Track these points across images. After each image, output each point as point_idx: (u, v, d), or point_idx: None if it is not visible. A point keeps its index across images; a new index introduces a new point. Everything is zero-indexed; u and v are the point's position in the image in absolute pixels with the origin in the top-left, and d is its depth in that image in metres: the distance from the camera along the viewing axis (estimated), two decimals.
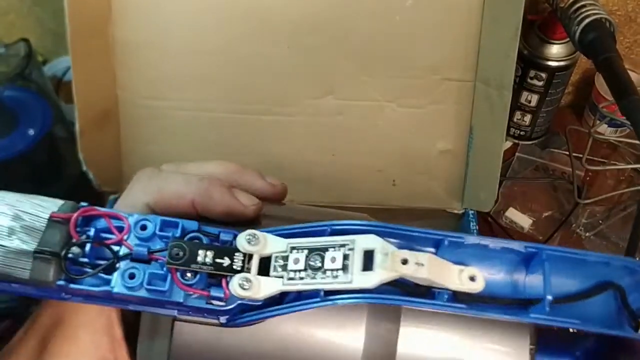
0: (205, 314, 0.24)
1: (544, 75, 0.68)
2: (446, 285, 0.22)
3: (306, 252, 0.23)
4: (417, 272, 0.21)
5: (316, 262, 0.23)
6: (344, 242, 0.23)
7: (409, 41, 0.57)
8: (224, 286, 0.23)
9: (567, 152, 0.71)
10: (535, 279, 0.24)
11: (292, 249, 0.23)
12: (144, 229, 0.24)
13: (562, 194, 0.73)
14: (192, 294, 0.23)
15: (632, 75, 0.47)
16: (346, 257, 0.22)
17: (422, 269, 0.21)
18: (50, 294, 0.24)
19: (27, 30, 0.76)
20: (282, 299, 0.24)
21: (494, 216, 0.70)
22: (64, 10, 0.50)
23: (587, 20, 0.50)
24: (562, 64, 0.67)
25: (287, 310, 0.23)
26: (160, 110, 0.59)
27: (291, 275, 0.23)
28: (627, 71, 0.46)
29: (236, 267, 0.23)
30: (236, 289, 0.22)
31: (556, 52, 0.67)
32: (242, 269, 0.23)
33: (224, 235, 0.24)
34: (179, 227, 0.24)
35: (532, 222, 0.70)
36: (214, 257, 0.23)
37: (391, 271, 0.21)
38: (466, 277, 0.22)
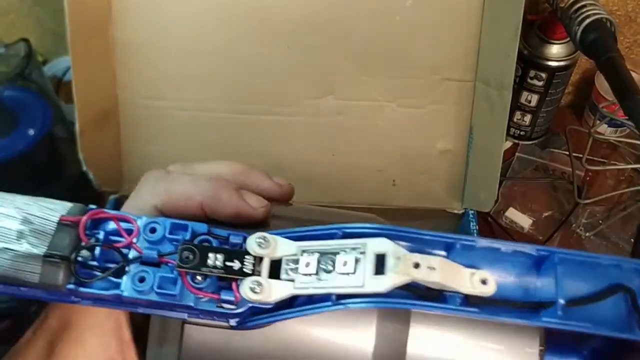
0: (215, 317, 0.24)
1: (544, 75, 0.68)
2: (458, 288, 0.22)
3: (317, 255, 0.23)
4: (429, 276, 0.21)
5: (327, 265, 0.22)
6: (355, 245, 0.22)
7: (409, 41, 0.57)
8: (235, 289, 0.23)
9: (567, 152, 0.71)
10: (546, 282, 0.23)
11: (303, 252, 0.23)
12: (153, 231, 0.24)
13: (562, 194, 0.73)
14: (203, 297, 0.23)
15: (632, 75, 0.47)
16: (358, 261, 0.22)
17: (434, 272, 0.21)
18: (59, 298, 0.24)
19: (27, 30, 0.76)
20: (293, 301, 0.24)
21: (494, 216, 0.70)
22: (64, 10, 0.50)
23: (588, 20, 0.50)
24: (562, 64, 0.67)
25: (299, 313, 0.23)
26: (160, 110, 0.59)
27: (302, 278, 0.23)
28: (629, 71, 0.46)
29: (247, 271, 0.23)
30: (247, 292, 0.22)
31: (556, 52, 0.67)
32: (253, 272, 0.23)
33: (233, 237, 0.24)
34: (188, 230, 0.24)
35: (532, 222, 0.70)
36: (224, 260, 0.23)
37: (403, 275, 0.21)
38: (478, 281, 0.22)
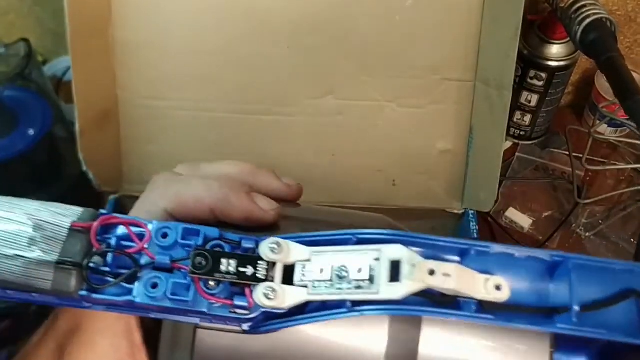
0: (227, 322, 0.24)
1: (544, 75, 0.68)
2: (472, 294, 0.22)
3: (331, 261, 0.23)
4: (444, 283, 0.21)
5: (342, 271, 0.22)
6: (369, 251, 0.22)
7: (409, 41, 0.57)
8: (248, 295, 0.23)
9: (567, 152, 0.71)
10: (560, 288, 0.23)
11: (317, 258, 0.23)
12: (165, 236, 0.24)
13: (562, 194, 0.73)
14: (216, 303, 0.23)
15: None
16: (372, 268, 0.22)
17: (449, 279, 0.21)
18: (71, 303, 0.24)
19: (27, 30, 0.76)
20: (305, 306, 0.24)
21: (494, 216, 0.70)
22: (64, 10, 0.50)
23: (588, 20, 0.50)
24: (562, 64, 0.67)
25: (313, 319, 0.23)
26: (160, 110, 0.59)
27: (316, 284, 0.23)
28: (630, 71, 0.46)
29: (260, 276, 0.23)
30: (261, 298, 0.22)
31: (556, 52, 0.67)
32: (266, 278, 0.23)
33: (245, 242, 0.24)
34: (200, 235, 0.24)
35: (532, 222, 0.70)
36: (237, 266, 0.23)
37: (418, 282, 0.21)
38: (492, 287, 0.22)
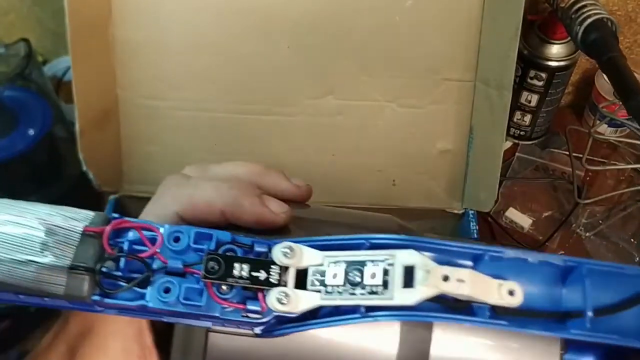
0: (239, 325, 0.24)
1: (544, 75, 0.68)
2: (486, 300, 0.22)
3: (344, 266, 0.23)
4: (458, 289, 0.21)
5: (355, 277, 0.22)
6: (383, 257, 0.22)
7: (409, 41, 0.57)
8: (261, 299, 0.23)
9: (567, 152, 0.71)
10: (572, 293, 0.23)
11: (329, 262, 0.23)
12: (177, 240, 0.23)
13: (562, 194, 0.73)
14: (228, 307, 0.23)
15: None
16: (386, 273, 0.22)
17: (463, 285, 0.21)
18: (83, 307, 0.24)
19: (27, 30, 0.76)
20: (318, 310, 0.24)
21: (494, 216, 0.70)
22: (64, 10, 0.50)
23: (589, 20, 0.50)
24: (562, 64, 0.67)
25: (327, 324, 0.23)
26: (160, 110, 0.59)
27: (329, 289, 0.23)
28: (631, 71, 0.46)
29: (273, 281, 0.23)
30: (274, 303, 0.22)
31: (556, 52, 0.67)
32: (279, 283, 0.23)
33: (258, 246, 0.24)
34: (212, 239, 0.24)
35: (532, 222, 0.70)
36: (250, 271, 0.23)
37: (432, 288, 0.21)
38: (505, 292, 0.22)
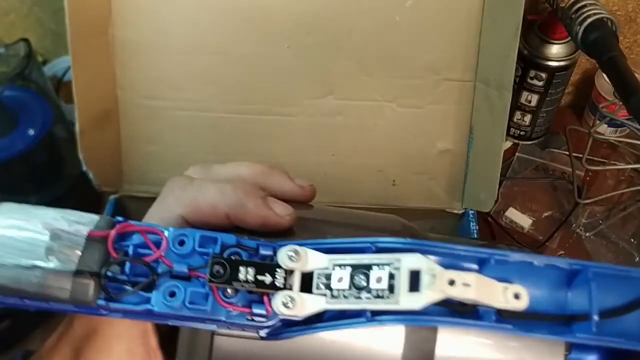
0: (245, 329, 0.24)
1: (544, 75, 0.68)
2: (491, 303, 0.22)
3: (350, 269, 0.23)
4: (464, 293, 0.21)
5: (361, 281, 0.22)
6: (388, 260, 0.22)
7: (409, 41, 0.57)
8: (266, 303, 0.23)
9: (567, 152, 0.71)
10: (578, 296, 0.23)
11: (335, 266, 0.23)
12: (182, 244, 0.23)
13: (562, 194, 0.73)
14: (234, 311, 0.23)
15: None
16: (392, 277, 0.22)
17: (469, 290, 0.21)
18: (88, 311, 0.24)
19: (27, 30, 0.77)
20: (323, 313, 0.24)
21: (494, 216, 0.70)
22: (64, 10, 0.50)
23: (589, 20, 0.50)
24: (562, 64, 0.67)
25: (332, 327, 0.23)
26: (160, 110, 0.59)
27: (335, 293, 0.23)
28: (632, 70, 0.46)
29: (278, 284, 0.23)
30: (279, 307, 0.22)
31: (556, 52, 0.67)
32: (284, 286, 0.23)
33: (263, 249, 0.24)
34: (217, 243, 0.24)
35: (532, 222, 0.70)
36: (256, 274, 0.23)
37: (438, 292, 0.21)
38: (511, 295, 0.22)
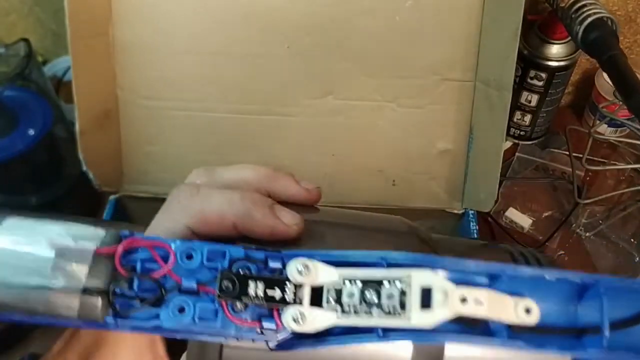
0: (254, 340, 0.24)
1: (544, 75, 0.68)
2: (502, 319, 0.22)
3: (360, 285, 0.22)
4: (476, 311, 0.21)
5: (372, 296, 0.22)
6: (400, 276, 0.22)
7: (409, 41, 0.57)
8: (276, 317, 0.23)
9: (567, 152, 0.71)
10: (589, 309, 0.23)
11: (345, 281, 0.23)
12: (190, 258, 0.23)
13: (562, 194, 0.73)
14: (244, 325, 0.23)
15: None
16: (403, 293, 0.22)
17: (480, 307, 0.21)
18: (97, 326, 0.23)
19: (27, 30, 0.77)
20: (333, 327, 0.23)
21: (494, 216, 0.70)
22: (64, 10, 0.50)
23: (589, 19, 0.50)
24: (562, 64, 0.67)
25: (343, 342, 0.23)
26: (160, 110, 0.59)
27: (346, 308, 0.22)
28: (632, 69, 0.46)
29: (288, 299, 0.23)
30: (289, 322, 0.22)
31: (556, 52, 0.67)
32: (294, 300, 0.23)
33: (272, 261, 0.24)
34: (226, 257, 0.23)
35: (532, 222, 0.70)
36: (265, 289, 0.23)
37: (450, 310, 0.21)
38: (522, 310, 0.22)
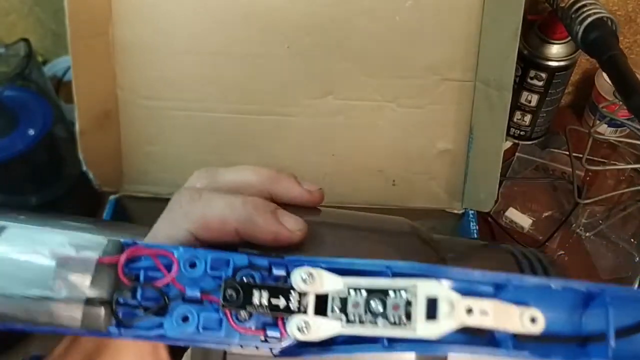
0: (258, 347, 0.24)
1: (544, 75, 0.68)
2: (508, 328, 0.21)
3: (365, 294, 0.22)
4: (482, 322, 0.21)
5: (377, 306, 0.22)
6: (405, 286, 0.22)
7: (409, 41, 0.57)
8: (280, 325, 0.23)
9: (567, 152, 0.71)
10: (593, 316, 0.23)
11: (350, 289, 0.23)
12: (193, 266, 0.23)
13: (562, 194, 0.73)
14: (248, 333, 0.23)
15: None
16: (409, 304, 0.22)
17: (486, 318, 0.21)
18: (100, 334, 0.23)
19: (27, 30, 0.77)
20: (338, 336, 0.23)
21: (494, 216, 0.70)
22: (64, 10, 0.50)
23: (589, 19, 0.50)
24: (562, 64, 0.67)
25: (347, 352, 0.23)
26: (160, 110, 0.59)
27: (351, 317, 0.22)
28: (632, 69, 0.46)
29: (292, 308, 0.23)
30: (294, 331, 0.22)
31: (556, 52, 0.67)
32: (299, 309, 0.23)
33: (276, 269, 0.24)
34: (230, 265, 0.23)
35: (532, 222, 0.70)
36: (269, 297, 0.22)
37: (456, 321, 0.21)
38: (527, 319, 0.21)
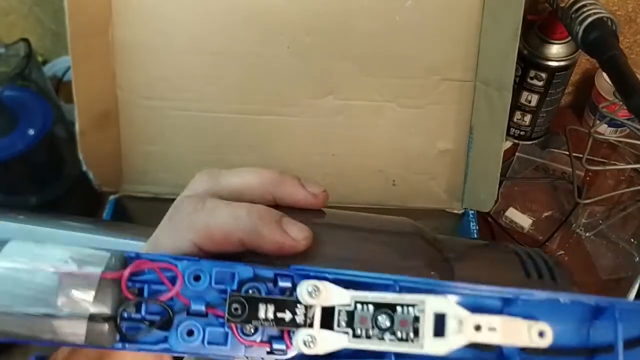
0: (263, 359, 0.24)
1: (544, 75, 0.68)
2: (516, 343, 0.21)
3: (372, 309, 0.22)
4: (490, 339, 0.21)
5: (385, 321, 0.22)
6: (413, 302, 0.22)
7: (409, 41, 0.57)
8: (286, 338, 0.23)
9: (567, 152, 0.71)
10: (601, 330, 0.23)
11: (357, 304, 0.22)
12: (198, 279, 0.23)
13: (562, 194, 0.73)
14: (253, 346, 0.23)
15: None
16: (416, 320, 0.22)
17: (495, 334, 0.21)
18: (104, 348, 0.23)
19: (27, 30, 0.77)
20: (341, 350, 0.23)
21: (494, 216, 0.70)
22: (64, 10, 0.50)
23: (589, 19, 0.50)
24: (562, 64, 0.67)
25: None
26: (160, 110, 0.59)
27: (357, 332, 0.22)
28: (632, 69, 0.46)
29: (299, 321, 0.22)
30: (300, 345, 0.22)
31: (556, 52, 0.67)
32: (305, 323, 0.22)
33: (281, 280, 0.23)
34: (235, 279, 0.23)
35: (532, 222, 0.70)
36: (275, 311, 0.22)
37: (464, 338, 0.21)
38: (535, 333, 0.21)
